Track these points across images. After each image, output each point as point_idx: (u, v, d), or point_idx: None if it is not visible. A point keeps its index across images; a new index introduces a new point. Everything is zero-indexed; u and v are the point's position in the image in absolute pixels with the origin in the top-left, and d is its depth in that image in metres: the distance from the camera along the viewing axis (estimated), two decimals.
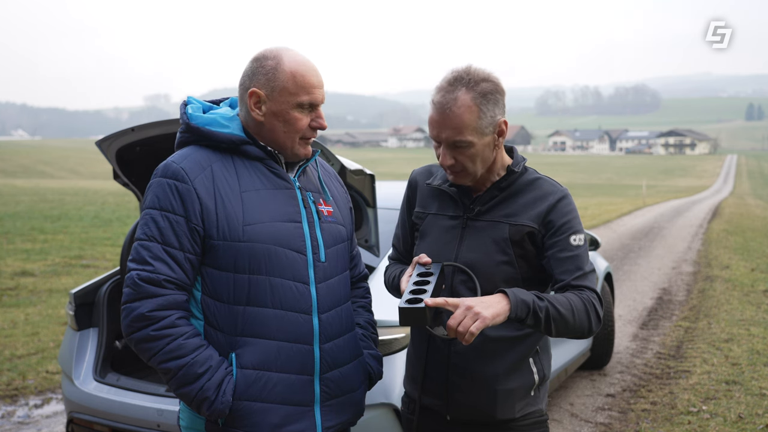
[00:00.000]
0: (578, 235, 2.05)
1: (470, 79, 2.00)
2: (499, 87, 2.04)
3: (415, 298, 1.91)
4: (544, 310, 1.91)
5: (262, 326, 1.93)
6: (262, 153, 2.01)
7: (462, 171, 2.06)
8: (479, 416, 2.09)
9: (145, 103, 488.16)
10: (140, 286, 1.86)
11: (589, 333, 2.03)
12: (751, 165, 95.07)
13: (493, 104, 2.01)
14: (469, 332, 1.79)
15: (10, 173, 52.04)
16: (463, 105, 1.98)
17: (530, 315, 1.89)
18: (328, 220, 2.09)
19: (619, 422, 4.83)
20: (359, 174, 3.41)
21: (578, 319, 1.96)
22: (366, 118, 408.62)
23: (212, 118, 2.01)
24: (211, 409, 1.88)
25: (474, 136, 2.00)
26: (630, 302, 8.88)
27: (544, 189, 2.10)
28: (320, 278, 2.02)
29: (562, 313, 1.93)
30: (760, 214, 25.80)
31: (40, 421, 4.89)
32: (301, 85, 1.96)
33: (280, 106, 1.96)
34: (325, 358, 2.02)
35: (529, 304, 1.89)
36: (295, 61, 1.97)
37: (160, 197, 1.90)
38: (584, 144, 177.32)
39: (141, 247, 1.89)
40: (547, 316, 1.91)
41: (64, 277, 10.09)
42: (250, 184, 1.96)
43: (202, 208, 1.90)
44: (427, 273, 2.02)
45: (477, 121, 1.98)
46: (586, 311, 1.98)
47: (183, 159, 1.95)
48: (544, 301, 1.92)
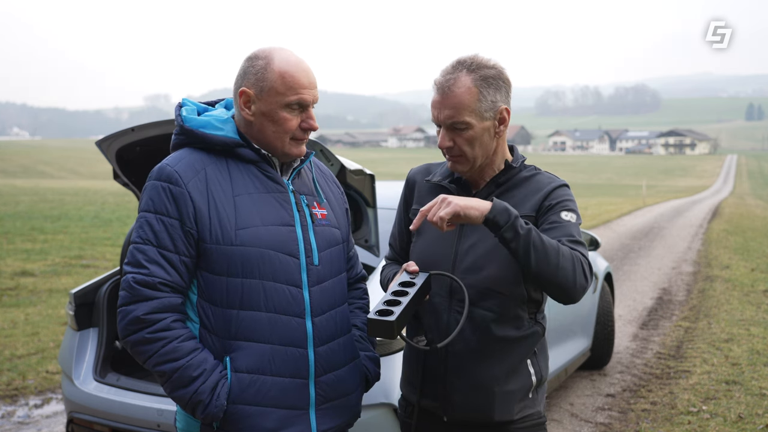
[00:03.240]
0: (571, 213, 2.02)
1: (473, 63, 2.02)
2: (503, 75, 2.04)
3: (387, 309, 1.91)
4: (525, 230, 1.86)
5: (255, 330, 1.93)
6: (255, 156, 2.00)
7: (461, 155, 2.05)
8: (477, 418, 2.09)
9: (145, 103, 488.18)
10: (135, 289, 1.86)
11: (574, 286, 1.90)
12: (751, 165, 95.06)
13: (495, 89, 2.01)
14: (438, 217, 1.85)
15: (10, 173, 52.05)
16: (463, 86, 1.99)
17: (509, 226, 1.84)
18: (322, 224, 2.08)
19: (619, 422, 4.83)
20: (359, 174, 3.41)
21: (562, 262, 1.87)
22: (366, 118, 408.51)
23: (206, 121, 2.01)
24: (205, 413, 1.88)
25: (472, 118, 1.99)
26: (630, 302, 8.88)
27: (542, 181, 2.10)
28: (313, 281, 2.01)
29: (545, 245, 1.86)
30: (760, 214, 25.80)
31: (40, 421, 4.89)
32: (290, 85, 1.95)
33: (269, 106, 1.96)
34: (319, 361, 2.01)
35: (512, 214, 1.86)
36: (285, 61, 1.96)
37: (155, 200, 1.91)
38: (584, 144, 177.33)
39: (136, 250, 1.89)
40: (528, 237, 1.85)
41: (64, 277, 10.09)
42: (243, 188, 1.96)
43: (195, 212, 1.90)
44: (409, 283, 2.01)
45: (476, 103, 1.99)
46: (572, 261, 1.89)
47: (177, 162, 1.95)
48: (529, 225, 1.88)
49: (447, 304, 2.08)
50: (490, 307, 2.04)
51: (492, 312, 2.04)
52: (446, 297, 2.09)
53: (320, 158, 3.22)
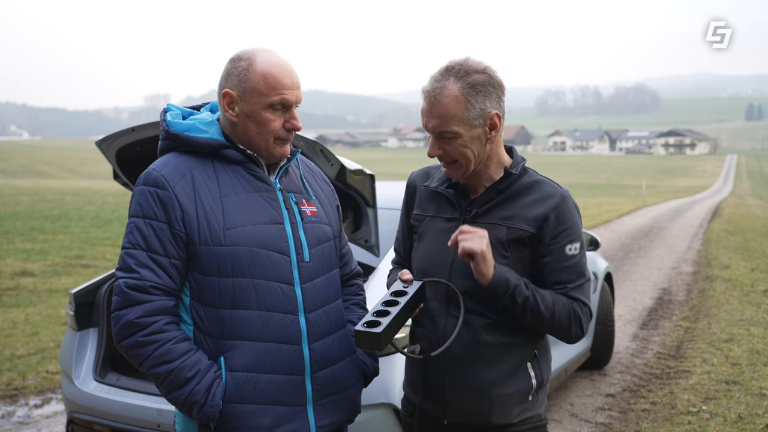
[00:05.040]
0: (574, 243, 2.04)
1: (461, 69, 1.99)
2: (494, 80, 2.01)
3: (375, 320, 1.92)
4: (522, 298, 1.95)
5: (249, 329, 1.93)
6: (241, 156, 2.01)
7: (453, 162, 2.05)
8: (476, 421, 2.08)
9: (145, 103, 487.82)
10: (127, 293, 1.88)
11: (569, 338, 2.06)
12: (751, 165, 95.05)
13: (484, 96, 1.99)
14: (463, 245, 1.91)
15: (10, 173, 52.05)
16: (450, 95, 1.97)
17: (507, 297, 1.95)
18: (312, 220, 2.09)
19: (619, 422, 4.83)
20: (359, 174, 3.41)
21: (558, 321, 1.99)
22: (366, 118, 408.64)
23: (191, 124, 2.02)
24: (201, 413, 1.89)
25: (460, 127, 1.98)
26: (630, 302, 8.88)
27: (544, 191, 2.07)
28: (305, 278, 2.02)
29: (541, 309, 1.97)
30: (760, 214, 25.80)
31: (40, 421, 4.89)
32: (272, 86, 1.96)
33: (252, 107, 1.97)
34: (314, 357, 2.02)
35: (511, 286, 1.94)
36: (268, 62, 1.97)
37: (143, 205, 1.92)
38: (584, 144, 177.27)
39: (127, 255, 1.91)
40: (525, 306, 1.96)
41: (64, 277, 10.09)
42: (230, 189, 1.98)
43: (183, 214, 1.91)
44: (401, 292, 2.02)
45: (464, 112, 1.97)
46: (568, 318, 2.01)
47: (163, 166, 1.96)
48: (529, 291, 1.96)
49: (444, 310, 2.08)
50: (487, 312, 2.04)
51: (488, 317, 2.04)
52: (443, 302, 2.09)
53: (320, 158, 3.23)
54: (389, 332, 1.91)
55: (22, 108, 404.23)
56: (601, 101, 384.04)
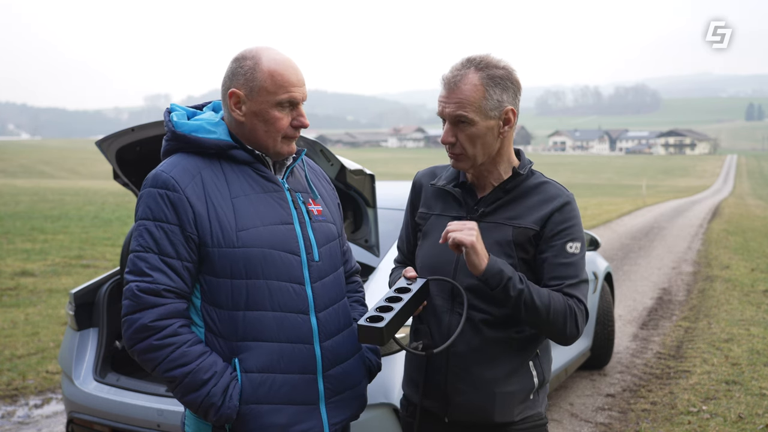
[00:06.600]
0: (576, 242, 2.05)
1: (482, 62, 2.03)
2: (513, 76, 2.04)
3: (378, 316, 1.92)
4: (516, 291, 1.93)
5: (262, 329, 1.93)
6: (249, 157, 2.01)
7: (462, 153, 2.06)
8: (477, 419, 2.09)
9: (145, 103, 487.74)
10: (140, 297, 1.86)
11: (564, 337, 2.02)
12: (751, 165, 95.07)
13: (502, 89, 2.01)
14: (453, 238, 1.92)
15: (10, 173, 52.06)
16: (470, 82, 2.00)
17: (500, 289, 1.93)
18: (319, 219, 2.10)
19: (619, 422, 4.83)
20: (359, 174, 3.41)
21: (553, 317, 1.97)
22: (366, 118, 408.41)
23: (198, 125, 2.00)
24: (218, 415, 1.88)
25: (476, 115, 2.00)
26: (630, 302, 8.88)
27: (550, 192, 2.09)
28: (315, 278, 2.03)
29: (536, 304, 1.95)
30: (760, 214, 25.80)
31: (40, 421, 4.89)
32: (280, 84, 1.95)
33: (260, 106, 1.96)
34: (326, 355, 2.02)
35: (504, 278, 1.93)
36: (273, 60, 1.96)
37: (153, 207, 1.90)
38: (584, 144, 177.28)
39: (138, 259, 1.89)
40: (519, 299, 1.94)
41: (64, 277, 10.09)
42: (240, 190, 1.97)
43: (195, 216, 1.90)
44: (404, 289, 2.02)
45: (481, 100, 1.99)
46: (564, 315, 1.99)
47: (172, 168, 1.94)
48: (523, 284, 1.94)
49: (448, 306, 2.09)
50: (491, 310, 2.04)
51: (492, 315, 2.04)
52: (448, 299, 2.10)
53: (320, 158, 3.23)
54: (392, 328, 1.91)
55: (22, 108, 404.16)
56: (601, 101, 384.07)
